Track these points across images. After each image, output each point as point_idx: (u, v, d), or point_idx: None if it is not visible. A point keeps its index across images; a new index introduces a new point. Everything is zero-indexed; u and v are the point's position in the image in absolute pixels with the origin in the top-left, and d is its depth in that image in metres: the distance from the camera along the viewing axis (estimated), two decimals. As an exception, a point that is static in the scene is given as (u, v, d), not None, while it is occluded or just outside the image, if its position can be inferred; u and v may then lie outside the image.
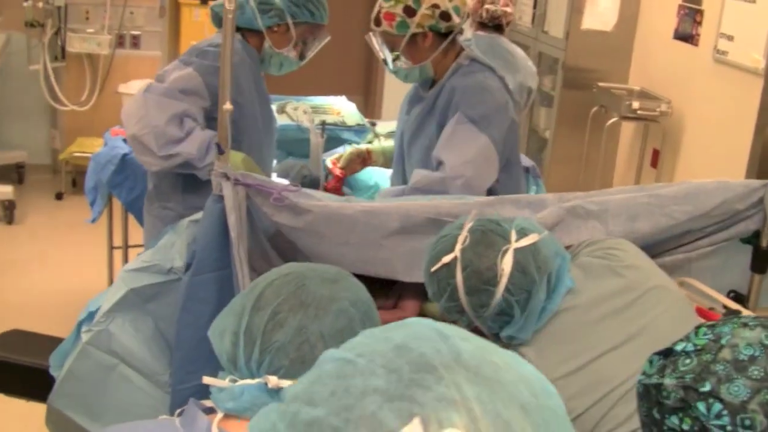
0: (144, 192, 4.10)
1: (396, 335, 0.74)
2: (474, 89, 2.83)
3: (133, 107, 2.74)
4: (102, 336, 2.30)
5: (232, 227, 2.17)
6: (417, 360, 0.71)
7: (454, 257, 1.97)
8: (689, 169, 5.40)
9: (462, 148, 2.74)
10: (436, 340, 0.73)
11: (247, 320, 1.52)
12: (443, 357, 0.71)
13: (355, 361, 0.73)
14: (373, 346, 0.74)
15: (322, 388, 0.73)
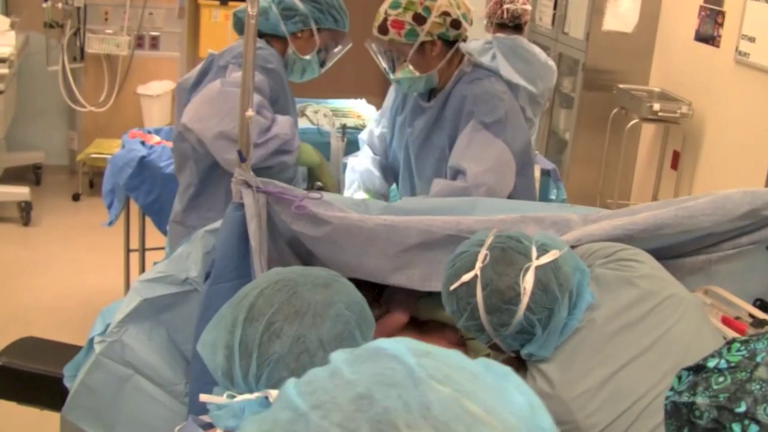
0: (162, 195, 4.11)
1: (361, 377, 0.66)
2: (485, 96, 2.80)
3: (213, 107, 2.71)
4: (115, 347, 2.28)
5: (252, 235, 2.15)
6: (378, 418, 0.63)
7: (474, 275, 1.92)
8: (710, 171, 5.35)
9: (481, 156, 2.71)
10: (406, 387, 0.65)
11: (240, 333, 1.49)
12: (410, 412, 0.63)
13: (308, 417, 0.65)
14: (332, 393, 0.66)
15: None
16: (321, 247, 2.29)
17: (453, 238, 2.27)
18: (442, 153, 2.86)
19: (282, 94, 2.94)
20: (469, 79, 2.85)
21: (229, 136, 2.63)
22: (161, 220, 4.10)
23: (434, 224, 2.31)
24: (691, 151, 5.53)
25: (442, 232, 2.30)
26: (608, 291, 2.00)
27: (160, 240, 4.32)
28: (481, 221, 2.32)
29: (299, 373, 1.46)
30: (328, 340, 1.49)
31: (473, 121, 2.75)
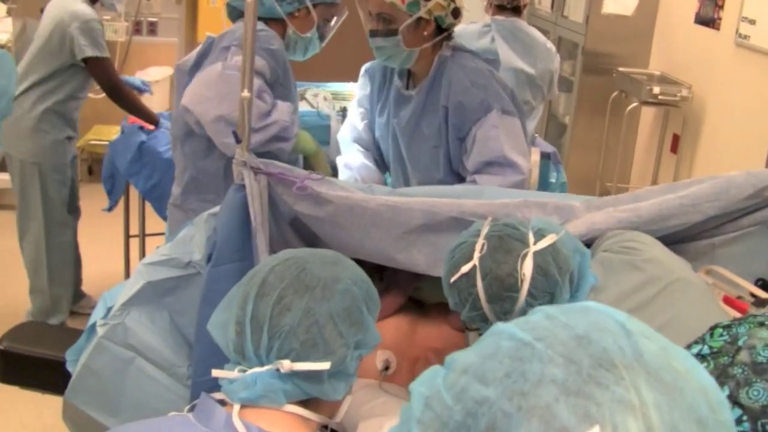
0: (162, 180, 4.11)
1: (578, 323, 0.70)
2: (483, 81, 2.80)
3: (211, 90, 2.70)
4: (118, 330, 2.27)
5: (254, 217, 2.14)
6: (598, 355, 0.67)
7: (472, 266, 1.91)
8: (710, 154, 5.35)
9: (517, 142, 2.76)
10: (620, 336, 0.69)
11: (252, 308, 1.53)
12: (625, 355, 0.67)
13: (533, 346, 0.68)
14: (552, 331, 0.70)
15: (497, 366, 0.69)
16: (324, 228, 2.29)
17: (456, 221, 2.27)
18: (436, 140, 2.86)
19: (284, 75, 2.93)
20: (457, 65, 2.84)
21: (228, 120, 2.63)
22: (161, 206, 4.11)
23: (437, 206, 2.30)
24: (690, 135, 5.52)
25: (445, 214, 2.29)
26: (613, 274, 1.99)
27: (160, 225, 4.32)
28: (484, 204, 2.31)
29: (309, 344, 1.49)
30: (336, 313, 1.52)
31: (495, 111, 2.75)
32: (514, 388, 0.66)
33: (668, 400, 0.65)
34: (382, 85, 3.08)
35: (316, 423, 1.56)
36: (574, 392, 0.64)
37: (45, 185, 4.37)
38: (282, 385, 1.49)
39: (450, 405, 0.69)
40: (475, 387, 0.68)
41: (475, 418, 0.66)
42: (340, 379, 1.55)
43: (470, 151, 2.78)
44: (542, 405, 0.64)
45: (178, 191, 3.05)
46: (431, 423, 0.70)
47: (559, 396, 0.64)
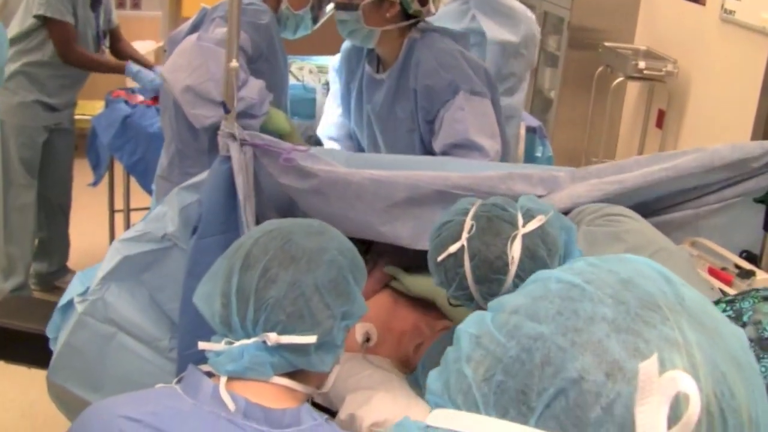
0: (146, 154, 4.09)
1: (621, 269, 0.73)
2: (452, 61, 2.78)
3: (184, 59, 2.68)
4: (98, 305, 2.27)
5: (240, 188, 2.14)
6: (643, 297, 0.69)
7: (461, 246, 1.90)
8: (695, 129, 5.36)
9: (484, 124, 2.74)
10: (661, 282, 0.72)
11: (237, 280, 1.52)
12: (668, 299, 0.70)
13: (583, 287, 0.71)
14: (598, 275, 0.72)
15: (549, 305, 0.71)
16: (308, 201, 2.28)
17: (441, 194, 2.26)
18: (410, 124, 2.85)
19: (270, 51, 2.91)
20: (426, 45, 2.82)
21: (196, 91, 2.61)
22: (146, 180, 4.10)
23: (422, 179, 2.29)
24: (676, 110, 5.53)
25: (429, 187, 2.28)
26: (598, 247, 1.99)
27: (145, 200, 4.31)
28: (468, 177, 2.31)
29: (296, 316, 1.49)
30: (322, 284, 1.52)
31: (462, 93, 2.73)
32: (567, 325, 0.68)
33: (708, 340, 0.68)
34: (352, 75, 3.08)
35: (303, 394, 1.56)
36: (624, 329, 0.67)
37: (6, 144, 4.32)
38: (269, 357, 1.49)
39: (503, 342, 0.71)
40: (529, 324, 0.70)
41: (530, 353, 0.68)
42: (327, 351, 1.55)
43: (437, 134, 2.77)
44: (595, 340, 0.67)
45: (165, 162, 3.04)
46: (483, 360, 0.71)
47: (610, 332, 0.67)
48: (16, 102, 4.26)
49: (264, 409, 1.45)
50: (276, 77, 2.92)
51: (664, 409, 0.62)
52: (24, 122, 4.32)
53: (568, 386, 0.65)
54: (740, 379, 0.68)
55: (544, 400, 0.66)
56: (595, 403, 0.64)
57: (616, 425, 0.63)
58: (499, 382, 0.69)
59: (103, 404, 1.50)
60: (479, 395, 0.70)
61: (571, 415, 0.64)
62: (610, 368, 0.65)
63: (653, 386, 0.63)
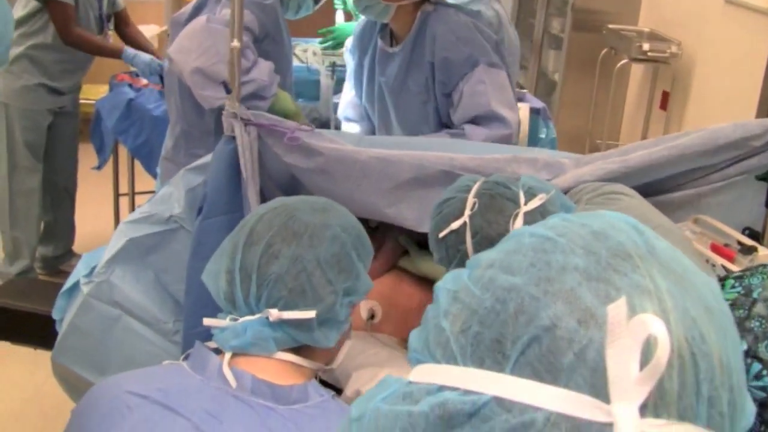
0: (151, 138, 4.10)
1: (593, 223, 0.75)
2: (468, 35, 2.79)
3: (193, 41, 2.68)
4: (103, 287, 2.28)
5: (244, 168, 2.14)
6: (614, 247, 0.71)
7: (463, 223, 1.90)
8: (699, 111, 5.35)
9: (504, 95, 2.76)
10: (632, 233, 0.74)
11: (240, 257, 1.53)
12: (639, 248, 0.71)
13: (555, 240, 0.72)
14: (570, 228, 0.74)
15: (522, 258, 0.72)
16: (313, 180, 2.28)
17: (446, 174, 2.26)
18: (424, 96, 2.85)
19: (276, 31, 2.91)
20: (441, 19, 2.82)
21: (205, 73, 2.62)
22: (151, 163, 4.10)
23: (427, 159, 2.30)
24: (680, 92, 5.52)
25: (435, 168, 2.29)
26: None
27: (149, 183, 4.32)
28: (475, 159, 2.31)
29: (298, 291, 1.49)
30: (325, 260, 1.52)
31: (481, 66, 2.74)
32: (540, 275, 0.69)
33: (679, 288, 0.69)
34: (364, 52, 3.08)
35: (310, 370, 1.56)
36: (595, 278, 0.68)
37: (11, 128, 4.34)
38: (272, 332, 1.50)
39: (478, 295, 0.72)
40: (503, 277, 0.71)
41: (504, 304, 0.69)
42: (330, 327, 1.55)
43: (457, 106, 2.78)
44: (567, 289, 0.68)
45: (170, 144, 3.04)
46: (460, 313, 0.72)
47: (581, 281, 0.68)
48: (20, 85, 4.27)
49: (271, 385, 1.46)
50: (281, 58, 2.93)
51: (635, 351, 0.63)
52: (28, 105, 4.33)
53: (541, 333, 0.66)
54: (711, 325, 0.69)
55: (519, 348, 0.67)
56: (568, 349, 0.65)
57: (588, 369, 0.64)
58: (475, 333, 0.70)
59: (110, 381, 1.51)
60: (457, 347, 0.71)
61: (545, 361, 0.65)
62: (582, 315, 0.66)
63: (622, 329, 0.64)
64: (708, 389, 0.66)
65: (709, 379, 0.66)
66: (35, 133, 4.41)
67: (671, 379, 0.64)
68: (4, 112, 4.30)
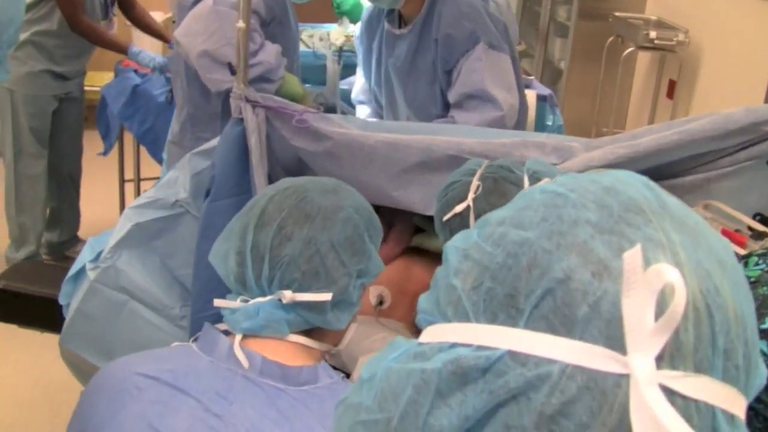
0: (156, 123, 4.09)
1: (603, 179, 0.74)
2: (473, 13, 2.77)
3: (200, 24, 2.66)
4: (110, 272, 2.27)
5: (252, 150, 2.13)
6: (626, 202, 0.70)
7: (466, 206, 1.89)
8: (706, 100, 5.33)
9: (503, 79, 2.74)
10: (643, 189, 0.73)
11: (252, 238, 1.51)
12: (650, 203, 0.71)
13: (566, 195, 0.72)
14: (581, 184, 0.73)
15: (533, 214, 0.72)
16: (321, 164, 2.28)
17: (454, 159, 2.26)
18: (431, 76, 2.84)
19: (283, 14, 2.90)
20: None
21: (213, 56, 2.60)
22: (156, 149, 4.10)
23: (435, 143, 2.29)
24: (687, 80, 5.50)
25: (442, 152, 2.28)
26: None
27: (155, 170, 4.32)
28: (483, 143, 2.30)
29: (311, 274, 1.48)
30: (338, 242, 1.51)
31: (482, 44, 2.73)
32: (552, 229, 0.69)
33: (692, 241, 0.69)
34: (373, 36, 3.07)
35: (320, 352, 1.56)
36: (608, 231, 0.67)
37: (16, 114, 4.34)
38: (285, 314, 1.49)
39: (489, 251, 0.71)
40: (514, 232, 0.71)
41: (516, 258, 0.69)
42: (343, 309, 1.55)
43: (453, 83, 2.77)
44: (579, 242, 0.67)
45: (176, 128, 3.03)
46: (471, 270, 0.72)
47: (594, 234, 0.67)
48: (26, 71, 4.26)
49: (281, 366, 1.45)
50: (288, 41, 2.92)
51: (650, 301, 0.63)
52: (34, 92, 4.32)
53: (555, 286, 0.66)
54: (725, 279, 0.68)
55: (532, 302, 0.66)
56: (582, 300, 0.64)
57: (603, 321, 0.64)
58: (487, 288, 0.69)
59: (119, 362, 1.51)
60: (469, 304, 0.70)
61: (559, 313, 0.65)
62: (595, 267, 0.65)
63: (638, 278, 0.64)
64: (724, 341, 0.65)
65: (724, 331, 0.66)
66: (41, 119, 4.40)
67: (687, 330, 0.64)
68: (9, 98, 4.30)
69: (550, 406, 0.63)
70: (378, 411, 0.72)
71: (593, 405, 0.62)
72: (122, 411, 1.38)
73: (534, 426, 0.63)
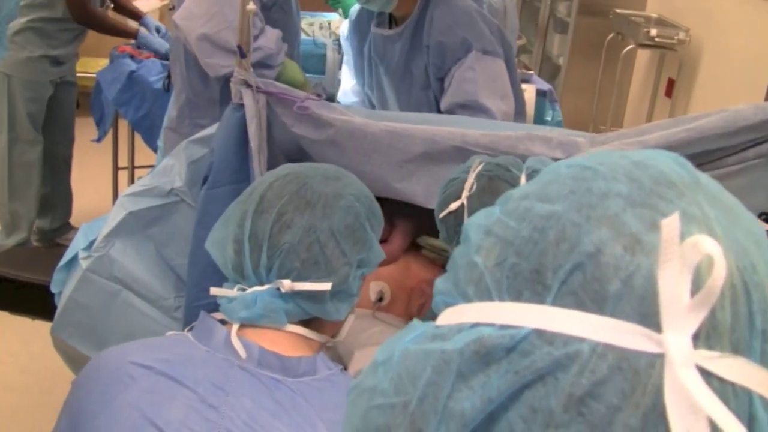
0: (152, 110, 4.05)
1: (633, 155, 0.70)
2: (466, 19, 2.72)
3: (200, 7, 2.62)
4: (103, 261, 2.23)
5: (252, 137, 2.09)
6: (657, 175, 0.66)
7: (460, 204, 1.86)
8: (705, 99, 5.31)
9: (495, 85, 2.68)
10: (673, 164, 0.69)
11: (250, 225, 1.48)
12: (683, 178, 0.67)
13: (595, 168, 0.68)
14: (610, 158, 0.70)
15: (560, 187, 0.68)
16: (323, 152, 2.23)
17: (458, 150, 2.22)
18: (425, 80, 2.80)
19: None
20: (442, 2, 2.76)
21: (212, 40, 2.57)
22: (151, 136, 4.06)
23: (439, 134, 2.25)
24: (686, 79, 5.48)
25: (447, 143, 2.24)
26: None
27: (149, 157, 4.28)
28: (487, 135, 2.26)
29: (311, 262, 1.45)
30: (338, 231, 1.48)
31: (474, 52, 2.68)
32: (582, 201, 0.65)
33: (728, 217, 0.65)
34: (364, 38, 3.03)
35: (318, 343, 1.52)
36: (640, 204, 0.64)
37: (13, 99, 4.30)
38: (283, 304, 1.45)
39: (514, 225, 0.68)
40: (540, 205, 0.67)
41: (543, 232, 0.65)
42: (342, 299, 1.51)
43: (445, 92, 2.73)
44: (610, 214, 0.64)
45: (174, 113, 2.99)
46: (494, 246, 0.68)
47: (626, 207, 0.64)
48: (25, 57, 4.23)
49: (279, 356, 1.41)
50: (289, 27, 2.88)
51: (686, 276, 0.59)
52: (32, 77, 4.29)
53: (584, 260, 0.62)
54: (761, 257, 0.65)
55: (560, 277, 0.63)
56: (614, 276, 0.61)
57: (636, 297, 0.60)
58: (512, 264, 0.65)
59: (112, 350, 1.47)
60: (491, 281, 0.66)
61: (589, 289, 0.61)
62: (627, 241, 0.62)
63: (674, 250, 0.60)
64: (762, 322, 0.62)
65: (762, 310, 0.62)
66: (37, 104, 4.37)
67: (723, 309, 0.60)
68: (6, 83, 4.26)
69: (580, 387, 0.59)
70: (394, 394, 0.68)
71: (625, 386, 0.58)
72: (115, 400, 1.34)
73: (562, 408, 0.59)
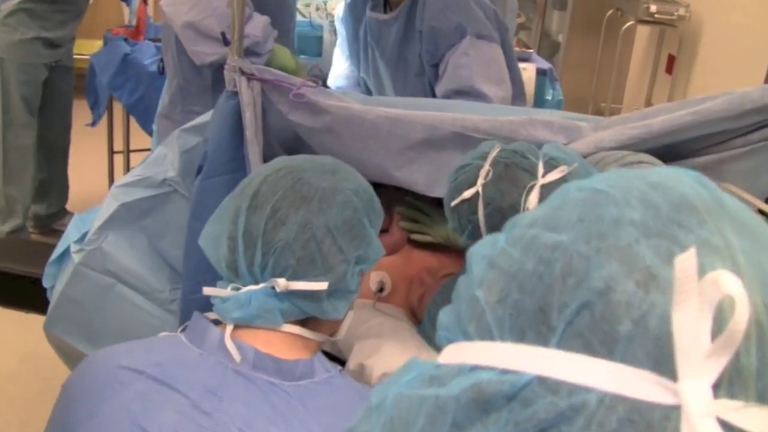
0: (147, 94, 4.01)
1: (650, 175, 0.64)
2: (459, 3, 2.65)
3: None
4: (96, 255, 2.19)
5: (247, 125, 2.04)
6: (677, 200, 0.60)
7: (475, 192, 1.80)
8: (705, 75, 5.26)
9: (490, 70, 2.62)
10: (696, 185, 0.63)
11: (244, 221, 1.43)
12: (705, 201, 0.61)
13: (607, 191, 0.62)
14: (625, 180, 0.63)
15: (568, 214, 0.62)
16: (320, 140, 2.19)
17: (459, 136, 2.16)
18: (420, 68, 2.74)
19: None
20: None
21: (196, 27, 2.53)
22: (146, 120, 4.03)
23: (440, 120, 2.20)
24: (686, 55, 5.43)
25: (447, 129, 2.19)
26: None
27: (145, 141, 4.24)
28: (489, 121, 2.21)
29: (307, 260, 1.40)
30: (335, 227, 1.42)
31: (468, 37, 2.61)
32: (591, 230, 0.60)
33: (755, 246, 0.59)
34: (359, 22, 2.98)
35: (316, 343, 1.48)
36: (655, 233, 0.58)
37: (7, 82, 4.26)
38: (278, 304, 1.41)
39: (518, 257, 0.62)
40: (546, 235, 0.62)
41: (549, 265, 0.60)
42: (340, 297, 1.46)
43: (441, 78, 2.67)
44: (622, 245, 0.58)
45: (166, 100, 2.95)
46: (497, 280, 0.63)
47: (639, 237, 0.58)
48: (17, 39, 4.19)
49: (275, 359, 1.37)
50: (283, 11, 2.82)
51: (706, 316, 0.53)
52: (25, 59, 4.25)
53: (593, 298, 0.56)
54: None
55: (566, 317, 0.57)
56: (626, 315, 0.55)
57: (650, 340, 0.54)
58: (514, 301, 0.60)
59: (102, 354, 1.43)
60: (493, 320, 0.61)
61: (598, 330, 0.56)
62: (641, 276, 0.56)
63: (691, 288, 0.54)
64: None
65: None
66: (31, 87, 4.32)
67: (748, 352, 0.54)
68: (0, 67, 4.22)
69: None
70: None
71: None
72: (104, 406, 1.30)
73: None
